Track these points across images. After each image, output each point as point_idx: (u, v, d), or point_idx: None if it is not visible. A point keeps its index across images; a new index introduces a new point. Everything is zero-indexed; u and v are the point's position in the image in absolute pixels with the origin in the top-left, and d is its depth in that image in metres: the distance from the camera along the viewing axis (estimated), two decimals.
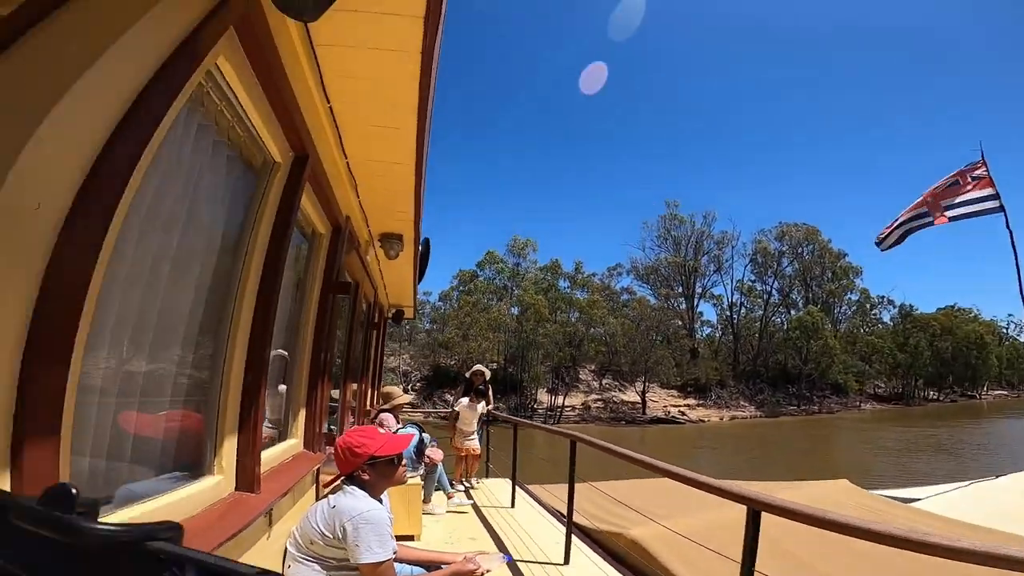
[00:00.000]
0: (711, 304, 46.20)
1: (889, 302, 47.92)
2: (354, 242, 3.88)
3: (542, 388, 34.08)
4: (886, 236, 8.16)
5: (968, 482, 6.87)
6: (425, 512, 4.63)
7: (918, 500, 6.18)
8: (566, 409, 33.30)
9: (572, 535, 3.74)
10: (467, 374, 6.81)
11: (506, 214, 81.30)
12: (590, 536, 4.14)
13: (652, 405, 34.91)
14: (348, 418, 5.00)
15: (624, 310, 39.33)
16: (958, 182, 7.44)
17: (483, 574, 2.02)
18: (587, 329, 36.14)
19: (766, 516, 2.05)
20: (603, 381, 37.07)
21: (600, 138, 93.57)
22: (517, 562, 3.62)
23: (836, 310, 45.80)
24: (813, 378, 39.99)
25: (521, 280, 37.91)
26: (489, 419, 6.89)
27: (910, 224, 7.97)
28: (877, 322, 47.72)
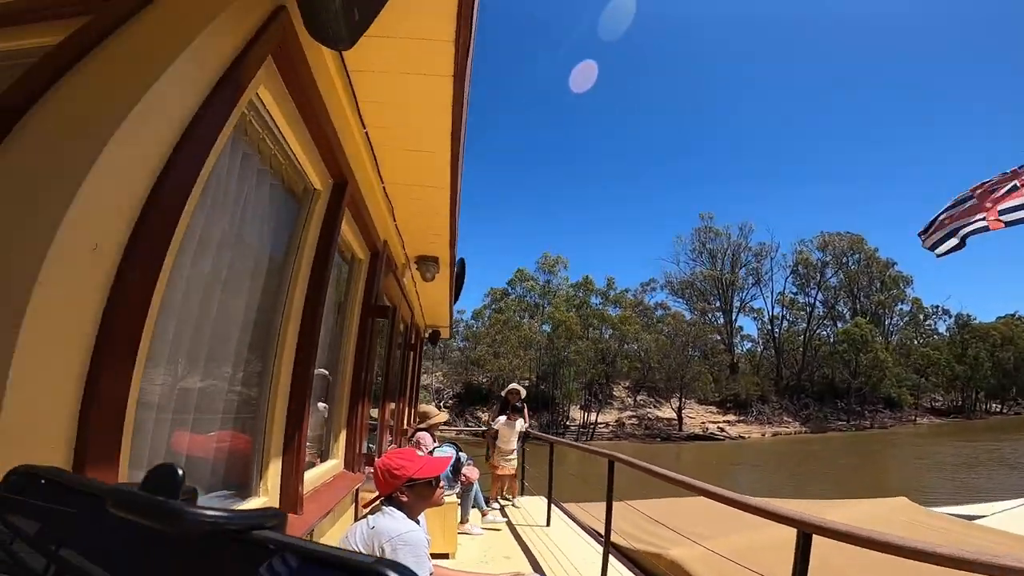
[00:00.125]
0: (751, 318, 44.99)
1: (944, 312, 45.55)
2: (392, 265, 3.92)
3: (574, 405, 33.61)
4: (935, 240, 7.70)
5: None
6: (461, 532, 4.59)
7: (983, 517, 5.73)
8: (599, 426, 32.69)
9: (609, 555, 3.64)
10: (503, 393, 6.77)
11: (539, 227, 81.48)
12: (627, 556, 4.01)
13: (689, 421, 33.88)
14: (386, 437, 5.04)
15: (658, 325, 38.59)
16: (1016, 185, 6.98)
17: None
18: (620, 345, 35.58)
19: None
20: (638, 397, 36.29)
21: (634, 152, 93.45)
22: None
23: (887, 321, 43.79)
24: (863, 392, 38.07)
25: (552, 297, 37.79)
26: (526, 437, 6.84)
27: (965, 229, 7.50)
28: (932, 333, 45.35)
